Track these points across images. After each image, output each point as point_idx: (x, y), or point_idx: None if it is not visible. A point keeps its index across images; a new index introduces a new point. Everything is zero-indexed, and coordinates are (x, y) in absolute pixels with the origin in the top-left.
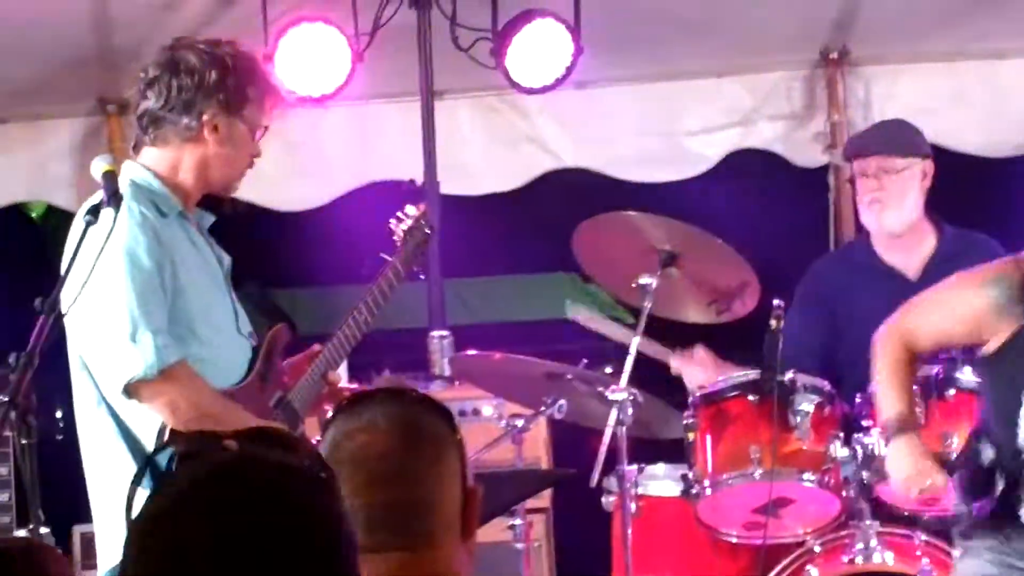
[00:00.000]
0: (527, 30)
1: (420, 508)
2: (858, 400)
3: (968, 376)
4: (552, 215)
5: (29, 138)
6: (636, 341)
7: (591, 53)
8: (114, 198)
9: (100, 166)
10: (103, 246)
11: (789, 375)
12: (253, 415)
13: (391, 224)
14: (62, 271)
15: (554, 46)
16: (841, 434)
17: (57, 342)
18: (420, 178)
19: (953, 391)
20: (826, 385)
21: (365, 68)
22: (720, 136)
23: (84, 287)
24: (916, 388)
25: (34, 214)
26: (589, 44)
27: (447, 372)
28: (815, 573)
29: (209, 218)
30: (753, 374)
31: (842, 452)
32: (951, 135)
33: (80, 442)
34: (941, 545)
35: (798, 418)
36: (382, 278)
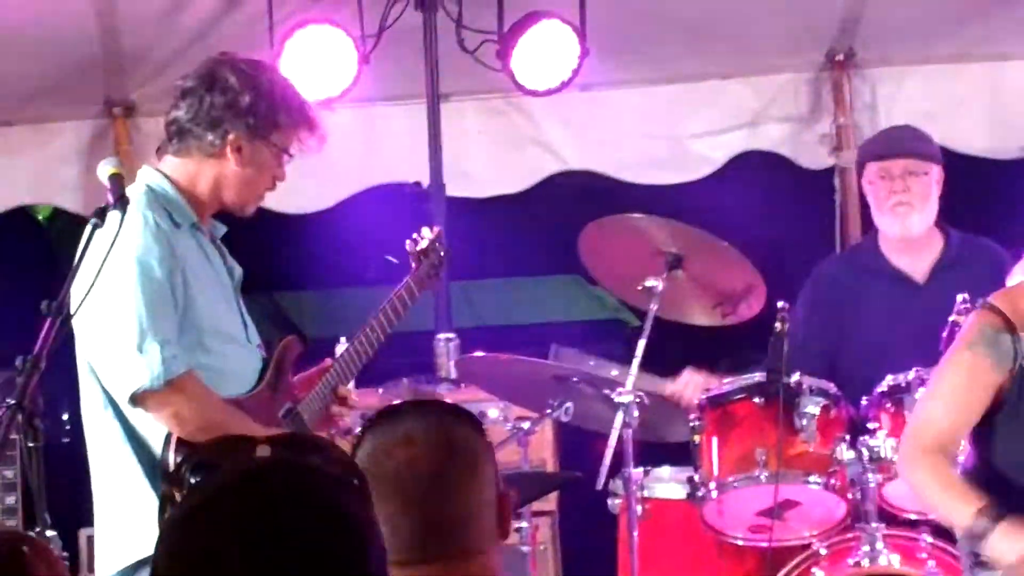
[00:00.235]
0: (533, 32)
1: (461, 521)
2: (864, 402)
3: None
4: (558, 218)
5: (35, 141)
6: (631, 379)
7: (597, 56)
8: (121, 201)
9: (106, 169)
10: (109, 249)
11: (795, 377)
12: (261, 425)
13: (406, 245)
14: (69, 274)
15: (560, 48)
16: (847, 436)
17: (63, 345)
18: (426, 180)
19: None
20: (832, 387)
21: (371, 70)
22: (726, 138)
23: (91, 291)
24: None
25: (40, 217)
26: (595, 46)
27: (453, 375)
28: None
29: (221, 228)
30: (759, 376)
31: (848, 454)
32: (957, 137)
33: (87, 445)
34: (947, 547)
35: (804, 420)
36: (395, 297)
